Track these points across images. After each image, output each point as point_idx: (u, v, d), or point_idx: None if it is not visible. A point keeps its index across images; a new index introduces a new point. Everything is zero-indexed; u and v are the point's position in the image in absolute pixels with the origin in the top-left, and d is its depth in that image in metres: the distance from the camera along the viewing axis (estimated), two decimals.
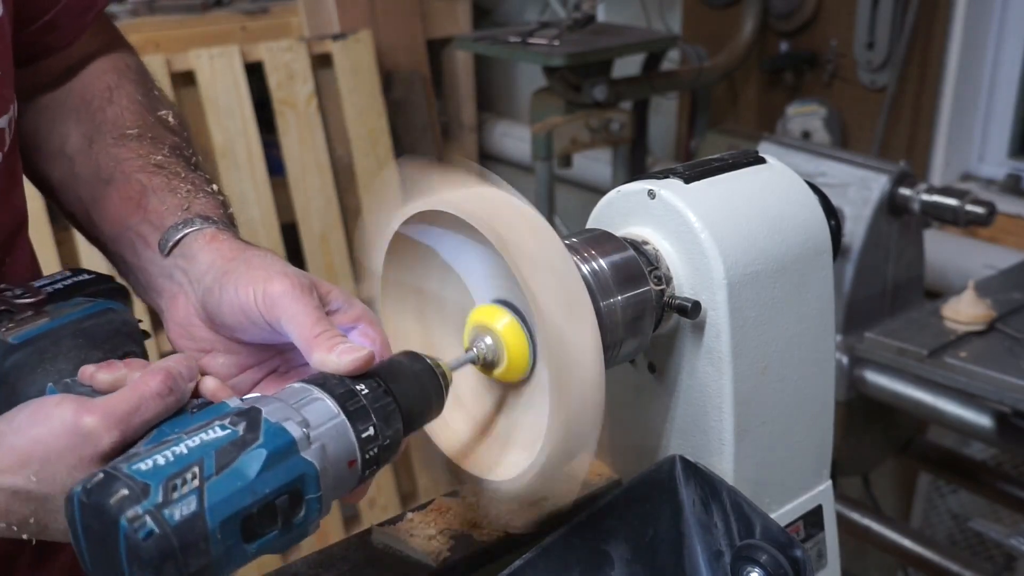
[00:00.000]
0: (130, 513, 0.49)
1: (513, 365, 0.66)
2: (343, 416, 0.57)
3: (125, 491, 0.49)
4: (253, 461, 0.52)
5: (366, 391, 0.58)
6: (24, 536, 0.57)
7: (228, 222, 0.74)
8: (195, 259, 0.69)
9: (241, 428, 0.53)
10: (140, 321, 0.71)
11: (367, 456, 0.57)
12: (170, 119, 0.84)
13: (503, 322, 0.66)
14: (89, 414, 0.55)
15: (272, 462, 0.53)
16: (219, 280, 0.65)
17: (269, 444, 0.53)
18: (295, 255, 2.65)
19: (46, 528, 0.57)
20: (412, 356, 0.63)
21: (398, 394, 0.60)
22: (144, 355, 0.68)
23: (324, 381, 0.58)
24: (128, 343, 0.68)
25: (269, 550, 0.54)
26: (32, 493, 0.55)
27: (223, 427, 0.53)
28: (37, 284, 0.69)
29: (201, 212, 0.73)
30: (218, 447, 0.52)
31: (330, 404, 0.57)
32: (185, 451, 0.51)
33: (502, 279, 0.67)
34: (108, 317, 0.67)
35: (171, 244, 0.70)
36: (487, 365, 0.67)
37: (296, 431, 0.54)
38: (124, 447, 0.56)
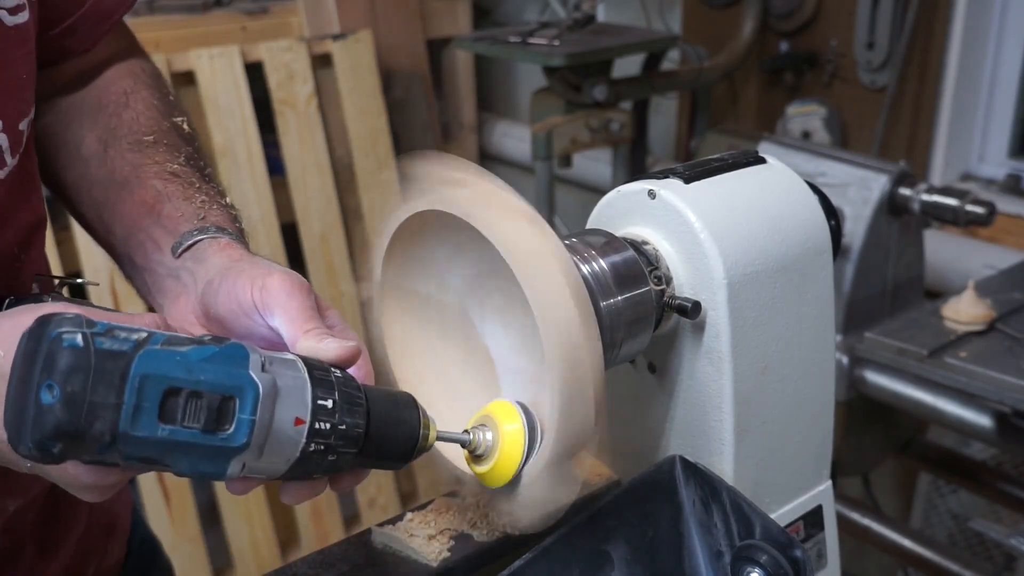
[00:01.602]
0: (64, 328, 0.49)
1: (496, 472, 0.66)
2: (307, 377, 0.56)
3: (69, 317, 0.50)
4: (200, 352, 0.53)
5: (340, 376, 0.58)
6: None
7: (240, 236, 0.75)
8: (205, 262, 0.70)
9: (207, 338, 0.54)
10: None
11: (316, 426, 0.56)
12: (184, 126, 0.86)
13: (511, 427, 0.66)
14: (67, 304, 0.57)
15: (218, 360, 0.53)
16: (221, 274, 0.66)
17: (222, 348, 0.54)
18: (295, 255, 2.65)
19: None
20: (406, 397, 0.63)
21: (371, 400, 0.59)
22: None
23: (304, 357, 0.58)
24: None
25: (182, 453, 0.53)
26: (3, 370, 0.55)
27: (189, 339, 0.54)
28: None
29: (216, 223, 0.74)
30: (174, 336, 0.53)
31: (300, 365, 0.57)
32: (144, 333, 0.52)
33: (486, 269, 0.67)
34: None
35: (184, 247, 0.71)
36: (474, 456, 0.67)
37: (255, 355, 0.54)
38: None
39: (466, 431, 0.67)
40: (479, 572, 0.76)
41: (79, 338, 0.49)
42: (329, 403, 0.57)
